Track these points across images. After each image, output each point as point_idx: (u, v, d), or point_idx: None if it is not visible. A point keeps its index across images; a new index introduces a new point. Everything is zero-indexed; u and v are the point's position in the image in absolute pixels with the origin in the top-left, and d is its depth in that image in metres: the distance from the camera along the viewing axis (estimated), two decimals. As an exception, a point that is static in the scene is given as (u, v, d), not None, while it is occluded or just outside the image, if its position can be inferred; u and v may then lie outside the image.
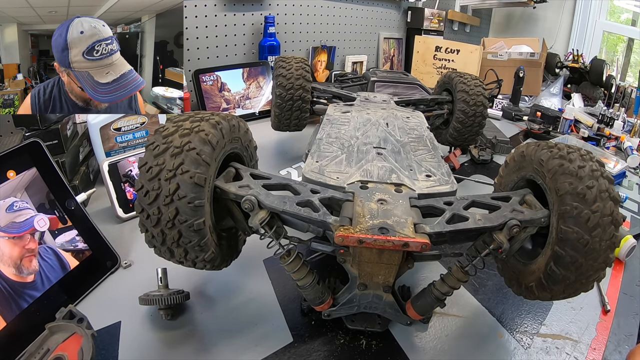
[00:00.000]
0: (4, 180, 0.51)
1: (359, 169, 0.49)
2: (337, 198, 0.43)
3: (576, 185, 0.37)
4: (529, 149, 0.45)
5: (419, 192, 0.45)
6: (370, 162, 0.50)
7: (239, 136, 0.47)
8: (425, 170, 0.51)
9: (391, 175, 0.48)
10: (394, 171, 0.49)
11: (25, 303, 0.47)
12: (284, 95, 0.83)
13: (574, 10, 2.49)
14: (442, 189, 0.46)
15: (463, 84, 0.91)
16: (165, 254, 0.42)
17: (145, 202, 0.38)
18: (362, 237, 0.35)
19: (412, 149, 0.57)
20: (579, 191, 0.37)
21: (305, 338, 0.47)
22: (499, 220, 0.40)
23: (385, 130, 0.63)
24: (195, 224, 0.38)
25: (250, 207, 0.40)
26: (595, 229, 0.36)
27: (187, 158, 0.38)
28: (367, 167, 0.49)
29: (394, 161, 0.52)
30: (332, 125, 0.63)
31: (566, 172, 0.38)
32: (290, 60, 0.86)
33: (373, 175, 0.47)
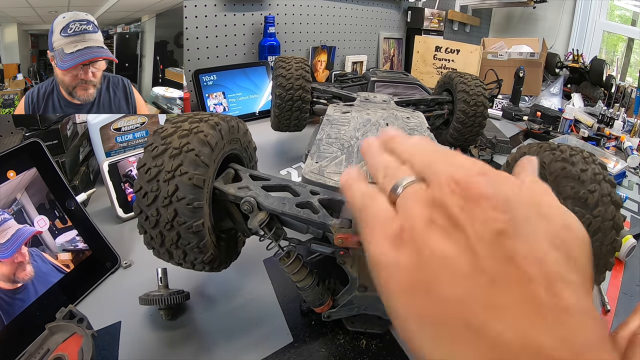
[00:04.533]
0: (4, 180, 0.51)
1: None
2: (336, 199, 0.42)
3: (578, 189, 0.37)
4: (531, 151, 0.45)
5: None
6: None
7: (238, 137, 0.47)
8: None
9: None
10: None
11: (19, 308, 0.47)
12: (283, 95, 0.83)
13: (574, 10, 2.49)
14: None
15: (463, 84, 0.91)
16: (164, 256, 0.42)
17: (144, 204, 0.38)
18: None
19: None
20: (580, 195, 0.37)
21: (305, 338, 0.47)
22: None
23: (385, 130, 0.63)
24: (194, 225, 0.38)
25: (250, 209, 0.40)
26: (596, 233, 0.36)
27: (186, 159, 0.38)
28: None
29: None
30: (332, 126, 0.63)
31: (568, 176, 0.38)
32: (290, 61, 0.86)
33: None
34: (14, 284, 0.48)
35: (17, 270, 0.48)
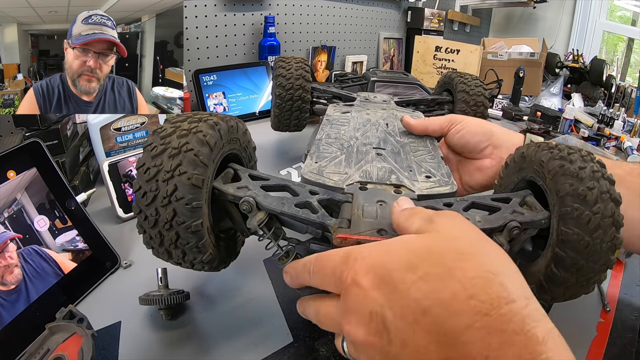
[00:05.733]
0: (4, 180, 0.51)
1: (358, 170, 0.48)
2: (335, 199, 0.42)
3: (577, 186, 0.37)
4: (529, 150, 0.45)
5: (419, 193, 0.44)
6: (369, 163, 0.50)
7: (238, 137, 0.47)
8: (425, 171, 0.50)
9: (391, 176, 0.47)
10: (393, 172, 0.48)
11: (18, 309, 0.47)
12: (283, 95, 0.83)
13: (574, 10, 2.49)
14: (441, 190, 0.46)
15: (463, 84, 0.91)
16: (163, 255, 0.42)
17: (143, 204, 0.38)
18: (361, 239, 0.35)
19: (412, 149, 0.57)
20: (579, 192, 0.36)
21: (305, 338, 0.47)
22: (499, 221, 0.39)
23: (385, 130, 0.63)
24: (193, 225, 0.38)
25: (249, 209, 0.40)
26: (596, 230, 0.36)
27: (184, 159, 0.37)
28: (367, 168, 0.48)
29: (394, 162, 0.51)
30: (332, 126, 0.63)
31: (567, 173, 0.38)
32: (290, 60, 0.86)
33: (372, 176, 0.47)
34: (4, 286, 0.47)
35: (3, 273, 0.48)
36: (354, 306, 0.26)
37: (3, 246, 0.49)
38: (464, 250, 0.25)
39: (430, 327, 0.23)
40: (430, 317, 0.23)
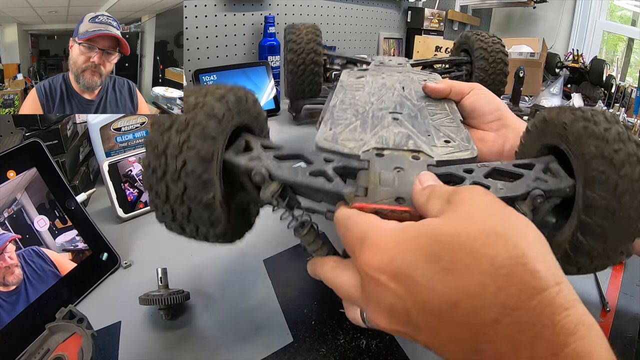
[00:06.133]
0: (4, 180, 0.51)
1: (374, 136, 0.45)
2: (351, 167, 0.40)
3: (602, 148, 0.34)
4: (551, 113, 0.42)
5: (437, 159, 0.41)
6: (386, 128, 0.47)
7: (247, 107, 0.45)
8: (443, 136, 0.47)
9: (408, 141, 0.44)
10: (410, 137, 0.45)
11: (18, 309, 0.47)
12: (295, 60, 0.81)
13: (574, 10, 2.49)
14: (461, 155, 0.43)
15: (481, 41, 0.88)
16: (177, 230, 0.41)
17: (153, 180, 0.37)
18: (378, 208, 0.33)
19: (430, 113, 0.53)
20: (605, 155, 0.34)
21: (305, 338, 0.47)
22: (522, 189, 0.37)
23: (401, 94, 0.59)
24: (205, 199, 0.37)
25: (261, 180, 0.38)
26: (624, 195, 0.33)
27: (193, 133, 0.37)
28: (383, 134, 0.46)
29: (411, 126, 0.48)
30: (346, 92, 0.60)
31: (591, 135, 0.35)
32: (300, 26, 0.84)
33: (389, 142, 0.44)
34: (5, 287, 0.48)
35: (5, 274, 0.48)
36: (373, 296, 0.25)
37: (2, 248, 0.49)
38: (489, 232, 0.23)
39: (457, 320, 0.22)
40: (458, 311, 0.22)
